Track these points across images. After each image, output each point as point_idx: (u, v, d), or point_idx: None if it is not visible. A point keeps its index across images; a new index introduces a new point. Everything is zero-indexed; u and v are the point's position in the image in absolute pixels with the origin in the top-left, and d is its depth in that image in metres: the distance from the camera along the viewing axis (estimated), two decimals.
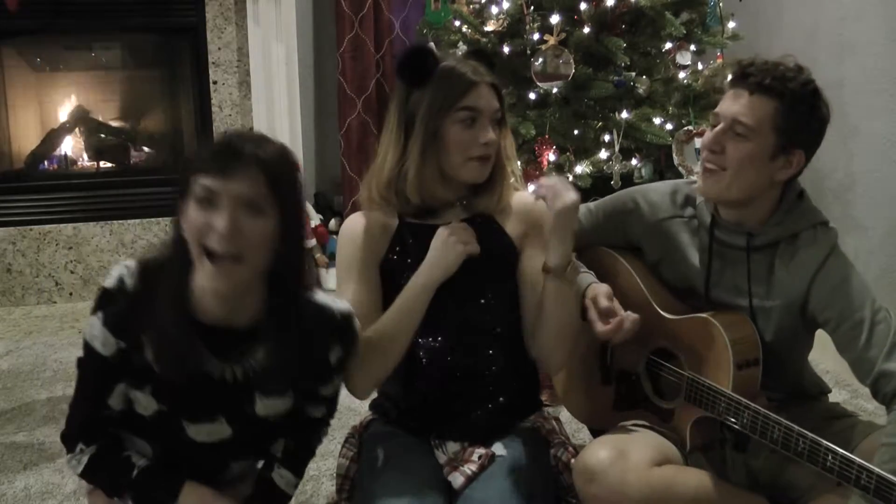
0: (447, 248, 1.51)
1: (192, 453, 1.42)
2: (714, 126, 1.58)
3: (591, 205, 1.82)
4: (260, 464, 1.53)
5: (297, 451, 1.53)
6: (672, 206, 1.70)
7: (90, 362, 1.36)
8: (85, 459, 1.39)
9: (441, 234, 1.53)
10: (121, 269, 1.34)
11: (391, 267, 1.58)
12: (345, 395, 2.76)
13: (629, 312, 1.60)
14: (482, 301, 1.57)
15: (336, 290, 1.60)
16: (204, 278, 1.27)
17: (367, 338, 1.50)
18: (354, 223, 1.61)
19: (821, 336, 1.66)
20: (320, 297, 1.41)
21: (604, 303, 1.61)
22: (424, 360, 1.59)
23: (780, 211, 1.59)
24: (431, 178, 1.55)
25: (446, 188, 1.57)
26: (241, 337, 1.34)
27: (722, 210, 1.63)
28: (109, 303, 1.33)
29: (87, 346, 1.35)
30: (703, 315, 1.60)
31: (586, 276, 1.72)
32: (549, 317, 1.55)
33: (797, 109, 1.51)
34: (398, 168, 1.54)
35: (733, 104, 1.54)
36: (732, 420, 1.52)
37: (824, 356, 1.71)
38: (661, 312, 1.67)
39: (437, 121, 1.51)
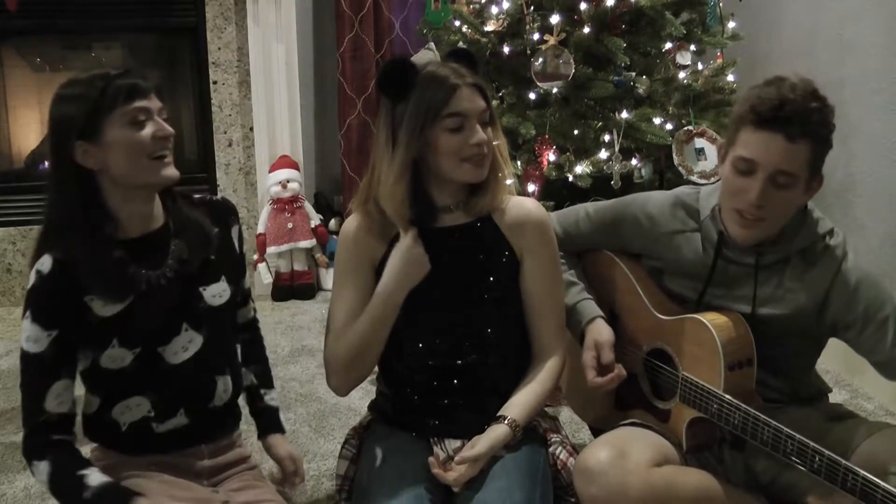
0: (412, 257, 1.52)
1: (181, 383, 1.55)
2: (739, 169, 1.49)
3: (590, 209, 1.80)
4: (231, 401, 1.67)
5: (262, 369, 1.81)
6: (672, 220, 1.68)
7: (25, 368, 1.44)
8: (44, 479, 1.43)
9: (404, 245, 1.53)
10: (35, 267, 1.43)
11: None
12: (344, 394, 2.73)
13: (619, 367, 1.64)
14: (480, 303, 1.57)
15: (332, 292, 1.63)
16: (156, 177, 1.46)
17: (338, 349, 1.56)
18: (352, 226, 1.61)
19: None
20: (201, 194, 1.65)
21: (607, 357, 1.65)
22: (422, 360, 1.59)
23: (790, 227, 1.57)
24: (426, 186, 1.55)
25: (442, 193, 1.57)
26: (159, 242, 1.52)
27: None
28: (33, 299, 1.43)
29: (21, 353, 1.44)
30: (696, 316, 1.60)
31: (589, 305, 1.73)
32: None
33: (826, 144, 1.49)
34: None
35: (772, 153, 1.45)
36: (724, 421, 1.52)
37: (824, 356, 1.71)
38: (656, 314, 1.68)
39: (424, 131, 1.49)
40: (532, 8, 2.76)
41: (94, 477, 1.41)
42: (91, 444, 1.62)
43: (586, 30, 2.69)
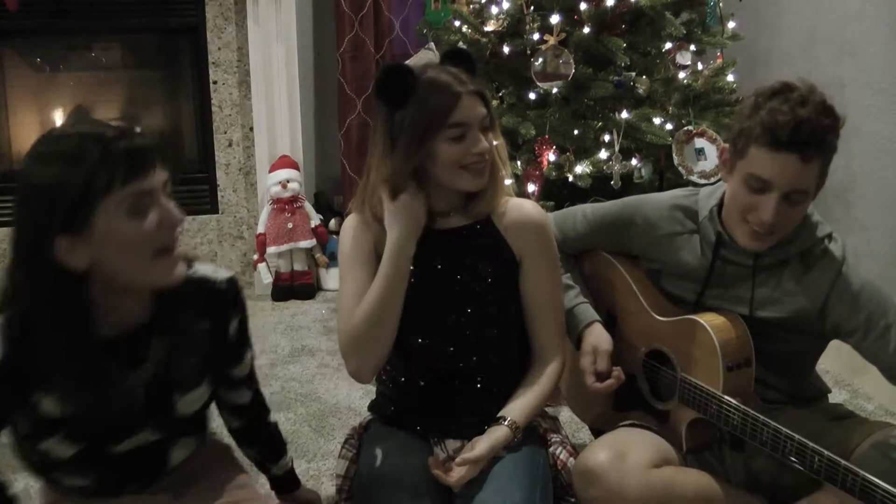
0: (410, 208, 1.50)
1: (128, 466, 1.33)
2: (751, 186, 1.48)
3: (588, 211, 1.80)
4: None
5: (264, 449, 1.60)
6: (671, 222, 1.68)
7: None
8: None
9: (400, 201, 1.50)
10: None
11: None
12: (345, 395, 2.76)
13: (618, 370, 1.63)
14: (479, 304, 1.57)
15: (339, 282, 1.61)
16: (161, 278, 1.21)
17: (355, 328, 1.52)
18: (355, 220, 1.61)
19: None
20: (200, 270, 1.33)
21: (603, 365, 1.65)
22: (422, 361, 1.59)
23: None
24: (425, 193, 1.54)
25: (438, 199, 1.56)
26: (140, 338, 1.26)
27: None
28: None
29: None
30: (693, 317, 1.60)
31: (585, 309, 1.73)
32: None
33: (834, 149, 1.49)
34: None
35: (788, 174, 1.44)
36: (723, 422, 1.52)
37: (824, 356, 1.71)
38: (655, 315, 1.68)
39: (424, 141, 1.48)
40: (532, 8, 2.76)
41: None
42: None
43: (586, 30, 2.69)
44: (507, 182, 1.63)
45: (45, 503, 1.42)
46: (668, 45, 2.80)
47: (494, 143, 1.55)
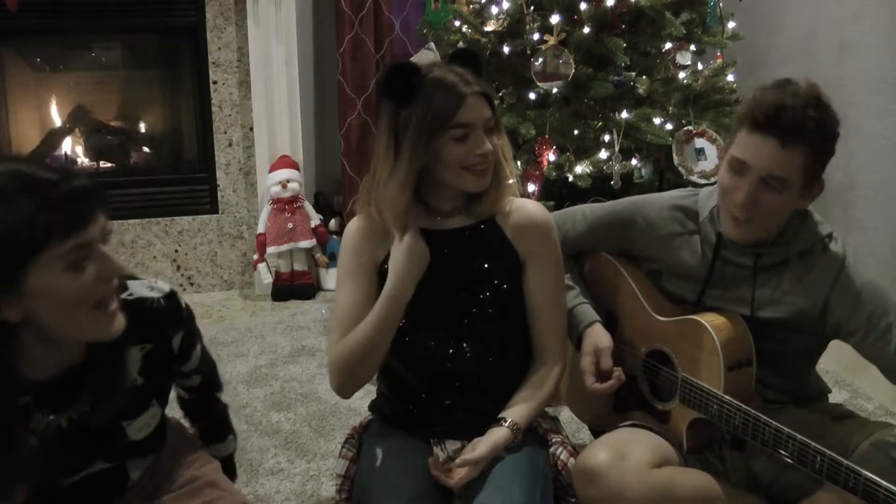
0: (413, 254, 1.51)
1: (84, 492, 1.28)
2: (733, 168, 1.50)
3: (588, 211, 1.80)
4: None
5: (209, 426, 1.59)
6: (671, 223, 1.68)
7: None
8: None
9: (406, 242, 1.51)
10: None
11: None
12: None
13: (619, 371, 1.63)
14: (482, 304, 1.57)
15: (336, 294, 1.62)
16: (99, 332, 1.15)
17: (344, 350, 1.53)
18: (354, 228, 1.61)
19: None
20: (136, 290, 1.26)
21: (606, 363, 1.64)
22: (423, 361, 1.59)
23: (789, 229, 1.57)
24: (427, 192, 1.55)
25: (440, 199, 1.56)
26: (74, 378, 1.19)
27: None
28: None
29: None
30: (694, 317, 1.60)
31: (585, 309, 1.73)
32: None
33: (825, 151, 1.48)
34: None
35: (764, 157, 1.46)
36: (724, 422, 1.52)
37: (824, 356, 1.71)
38: (655, 315, 1.68)
39: (430, 140, 1.47)
40: (532, 8, 2.76)
41: None
42: None
43: (586, 30, 2.69)
44: (511, 181, 1.63)
45: None
46: (668, 45, 2.80)
47: (499, 141, 1.55)
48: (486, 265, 1.57)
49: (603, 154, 2.70)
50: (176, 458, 1.46)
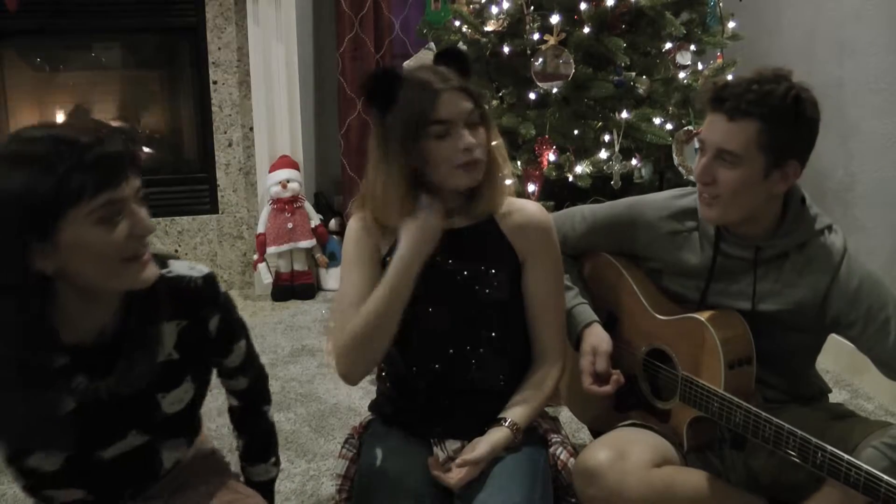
0: (427, 223, 1.49)
1: (121, 473, 1.33)
2: (700, 152, 1.55)
3: (587, 212, 1.80)
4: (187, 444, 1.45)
5: (250, 442, 1.56)
6: (670, 221, 1.68)
7: None
8: None
9: (421, 214, 1.50)
10: None
11: None
12: (345, 395, 2.75)
13: (616, 373, 1.63)
14: (481, 305, 1.57)
15: (339, 281, 1.61)
16: (129, 282, 1.19)
17: (351, 331, 1.51)
18: (360, 221, 1.60)
19: None
20: (175, 268, 1.31)
21: (602, 366, 1.64)
22: (423, 361, 1.59)
23: (787, 221, 1.57)
24: (421, 193, 1.53)
25: (441, 199, 1.55)
26: (112, 343, 1.23)
27: (727, 224, 1.61)
28: None
29: None
30: (694, 315, 1.60)
31: (584, 310, 1.73)
32: None
33: (782, 124, 1.47)
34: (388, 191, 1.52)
35: (714, 132, 1.50)
36: (725, 420, 1.52)
37: (825, 356, 1.71)
38: (655, 314, 1.68)
39: (412, 141, 1.47)
40: (532, 8, 2.76)
41: None
42: None
43: (586, 30, 2.69)
44: (509, 182, 1.63)
45: None
46: (668, 45, 2.80)
47: (493, 142, 1.54)
48: (484, 265, 1.57)
49: (603, 154, 2.70)
50: (203, 469, 1.49)
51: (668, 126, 2.73)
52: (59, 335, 1.17)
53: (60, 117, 4.04)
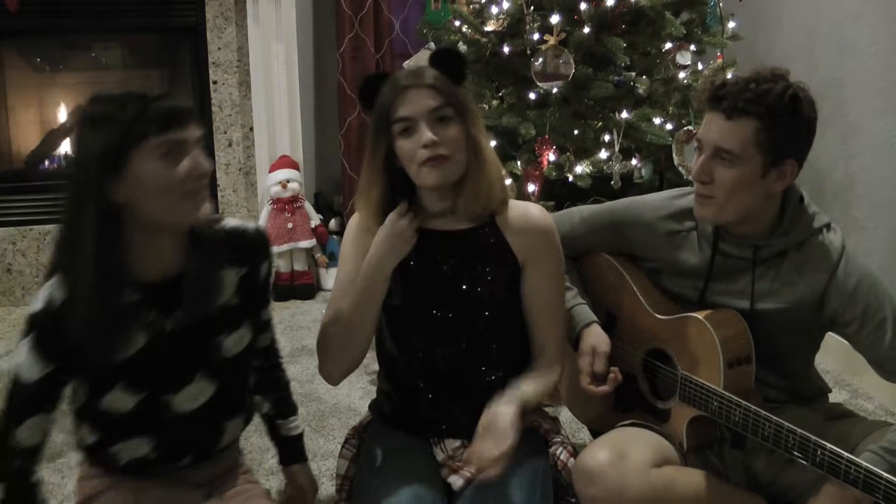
0: (397, 230, 1.51)
1: (188, 430, 1.45)
2: (698, 151, 1.55)
3: (585, 213, 1.80)
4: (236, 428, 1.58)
5: (279, 397, 1.69)
6: (669, 222, 1.68)
7: (10, 388, 1.36)
8: None
9: (390, 217, 1.52)
10: (46, 290, 1.31)
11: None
12: (345, 395, 2.76)
13: (615, 371, 1.62)
14: (481, 306, 1.57)
15: (335, 278, 1.62)
16: (187, 217, 1.34)
17: (328, 329, 1.56)
18: (355, 222, 1.61)
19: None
20: (230, 222, 1.48)
21: (600, 366, 1.64)
22: (422, 362, 1.59)
23: (786, 220, 1.57)
24: (418, 193, 1.55)
25: (429, 199, 1.55)
26: (177, 282, 1.38)
27: (725, 224, 1.61)
28: (37, 326, 1.32)
29: (13, 376, 1.35)
30: (694, 314, 1.60)
31: (583, 310, 1.73)
32: None
33: (779, 123, 1.47)
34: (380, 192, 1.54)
35: (712, 131, 1.50)
36: (725, 418, 1.52)
37: (825, 356, 1.72)
38: (654, 314, 1.68)
39: (381, 139, 1.49)
40: (532, 8, 2.76)
41: None
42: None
43: (586, 30, 2.69)
44: (508, 181, 1.62)
45: (83, 494, 1.49)
46: (668, 45, 2.80)
47: (462, 133, 1.49)
48: (484, 267, 1.57)
49: (603, 154, 2.70)
50: (236, 472, 1.61)
51: (668, 126, 2.73)
52: (130, 271, 1.32)
53: (61, 117, 4.04)
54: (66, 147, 4.08)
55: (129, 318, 1.33)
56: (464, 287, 1.56)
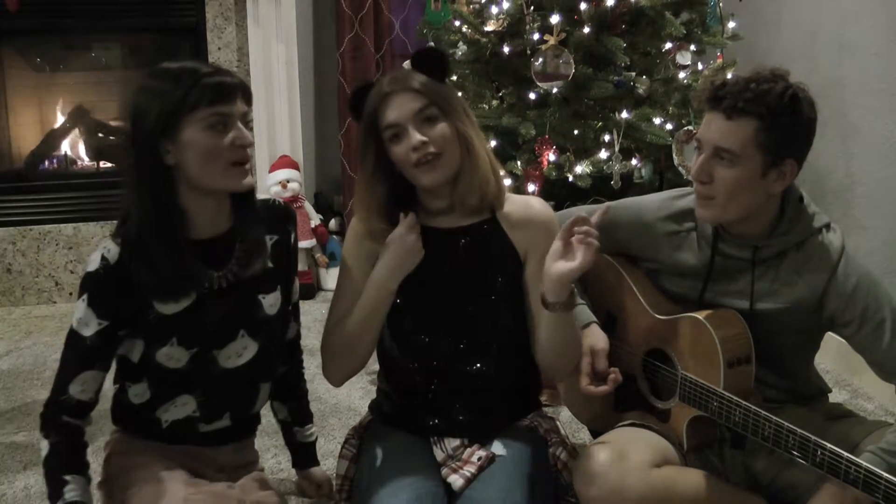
0: (405, 245, 1.52)
1: (231, 387, 1.58)
2: (697, 151, 1.55)
3: (584, 213, 1.80)
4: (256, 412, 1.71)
5: (297, 406, 1.84)
6: (668, 222, 1.68)
7: (68, 343, 1.47)
8: (43, 453, 1.45)
9: (398, 232, 1.53)
10: (100, 250, 1.45)
11: None
12: (345, 395, 2.76)
13: (614, 371, 1.61)
14: (482, 303, 1.57)
15: (336, 284, 1.64)
16: (230, 184, 1.47)
17: (333, 335, 1.59)
18: (359, 225, 1.61)
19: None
20: (261, 196, 1.61)
21: (601, 365, 1.63)
22: (423, 360, 1.59)
23: (785, 220, 1.57)
24: (417, 193, 1.55)
25: (428, 197, 1.56)
26: (224, 245, 1.52)
27: (725, 224, 1.61)
28: (93, 284, 1.44)
29: (70, 331, 1.47)
30: (693, 314, 1.60)
31: (582, 310, 1.73)
32: (550, 341, 1.54)
33: (779, 123, 1.47)
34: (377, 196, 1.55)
35: (712, 131, 1.50)
36: (725, 418, 1.52)
37: (825, 356, 1.71)
38: (653, 314, 1.68)
39: (372, 147, 1.51)
40: (532, 8, 2.76)
41: (72, 491, 1.41)
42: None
43: (586, 30, 2.69)
44: (506, 181, 1.62)
45: (109, 473, 1.57)
46: (668, 45, 2.80)
47: (450, 130, 1.50)
48: (486, 264, 1.57)
49: (603, 154, 2.70)
50: (253, 460, 1.76)
51: (668, 126, 2.73)
52: (182, 227, 1.46)
53: (60, 117, 4.05)
54: (66, 147, 4.08)
55: (187, 261, 1.45)
56: (465, 284, 1.56)
